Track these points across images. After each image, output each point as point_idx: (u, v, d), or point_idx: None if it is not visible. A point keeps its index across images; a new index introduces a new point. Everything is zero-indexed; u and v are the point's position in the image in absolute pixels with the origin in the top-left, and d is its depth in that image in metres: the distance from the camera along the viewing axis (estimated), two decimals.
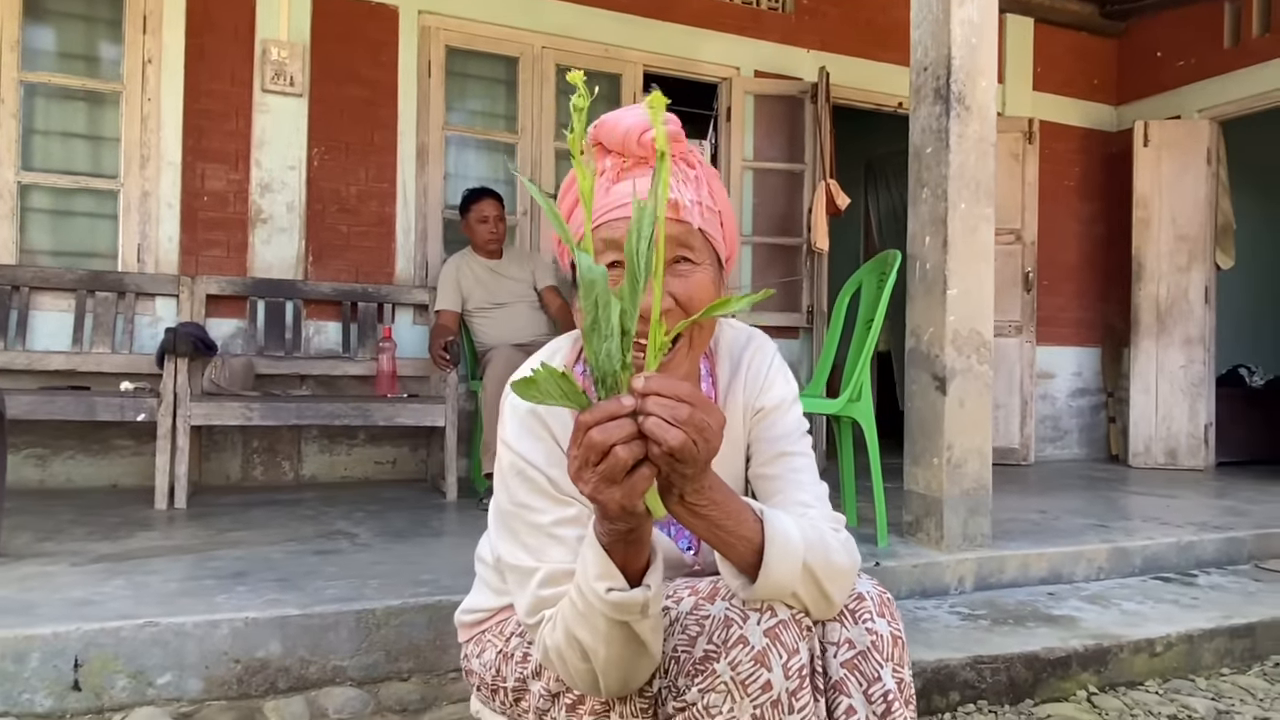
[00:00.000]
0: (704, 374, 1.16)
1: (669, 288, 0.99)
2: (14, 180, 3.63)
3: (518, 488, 1.04)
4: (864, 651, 0.99)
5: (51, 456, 3.61)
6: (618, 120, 1.00)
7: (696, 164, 1.03)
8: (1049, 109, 5.75)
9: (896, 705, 0.98)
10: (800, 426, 1.16)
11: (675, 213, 0.99)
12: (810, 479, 1.11)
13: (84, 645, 1.81)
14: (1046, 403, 5.81)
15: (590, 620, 0.88)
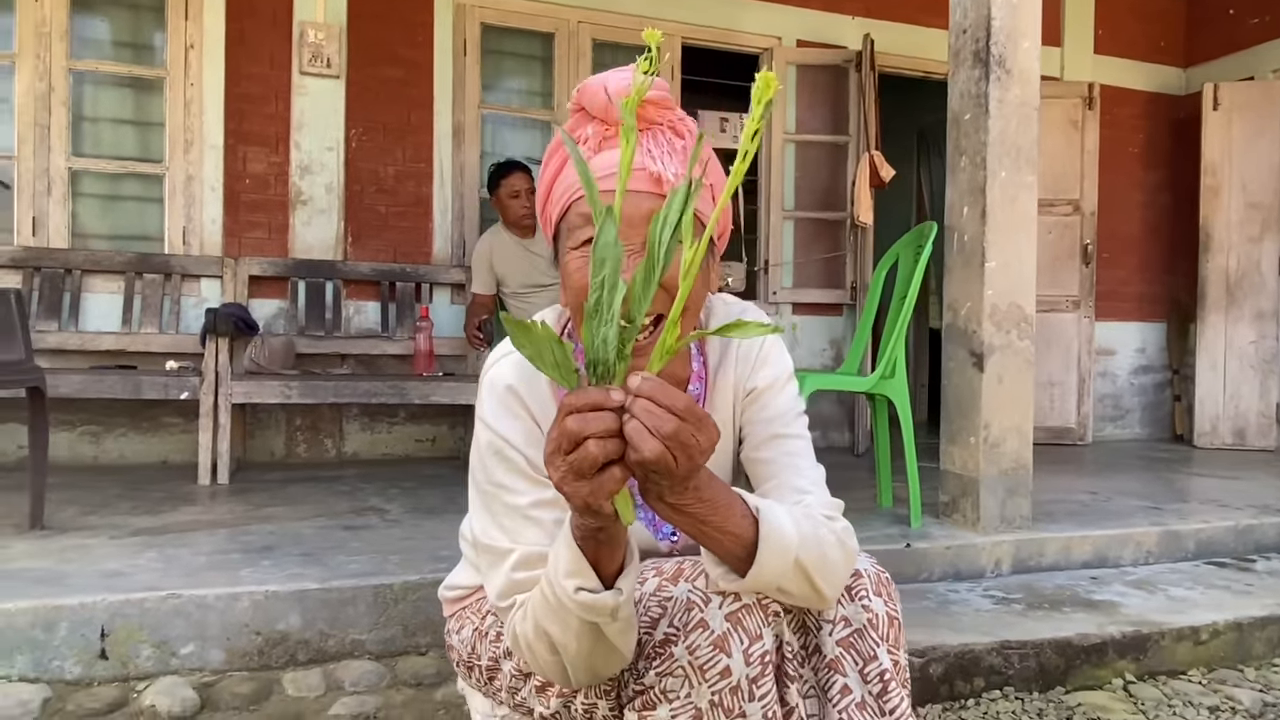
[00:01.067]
0: (694, 353, 1.12)
1: None
2: (65, 166, 3.74)
3: (495, 467, 1.01)
4: (860, 630, 0.96)
5: (104, 433, 3.74)
6: (602, 83, 0.95)
7: (686, 133, 0.98)
8: (1111, 72, 5.48)
9: (893, 685, 0.95)
10: (795, 407, 1.10)
11: (659, 187, 0.93)
12: (807, 463, 1.06)
13: (110, 616, 1.86)
14: (1106, 380, 5.59)
15: (560, 616, 0.86)
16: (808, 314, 4.90)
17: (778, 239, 4.86)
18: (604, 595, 0.83)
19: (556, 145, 1.00)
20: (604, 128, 0.96)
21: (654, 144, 0.94)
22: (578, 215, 0.95)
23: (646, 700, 0.90)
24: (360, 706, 1.82)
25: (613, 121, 0.95)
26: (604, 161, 0.94)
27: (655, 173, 0.93)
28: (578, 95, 0.97)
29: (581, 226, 0.95)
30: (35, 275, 3.61)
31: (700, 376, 1.12)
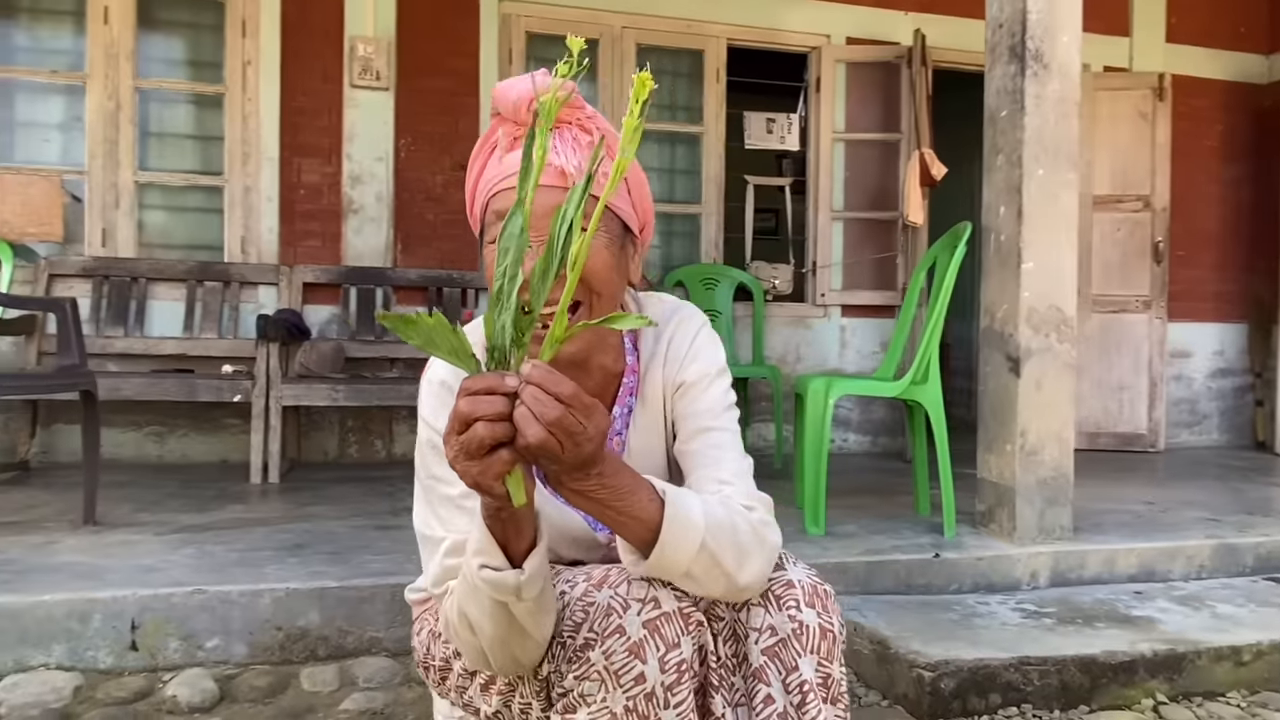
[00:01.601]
0: (629, 348, 1.14)
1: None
2: (132, 180, 3.95)
3: (429, 459, 1.06)
4: (784, 639, 0.95)
5: (168, 434, 3.93)
6: (509, 87, 0.99)
7: (594, 130, 1.01)
8: (1185, 62, 5.22)
9: (812, 697, 0.93)
10: (725, 400, 1.12)
11: (563, 181, 0.96)
12: (731, 455, 1.07)
13: (140, 609, 1.96)
14: (1181, 384, 5.33)
15: (475, 596, 0.88)
16: (858, 316, 4.82)
17: (826, 240, 4.79)
18: (507, 573, 0.85)
19: (478, 150, 1.05)
20: (515, 128, 1.00)
21: (560, 141, 0.98)
22: (493, 213, 1.00)
23: (567, 704, 0.91)
24: (369, 703, 1.87)
25: (522, 122, 0.98)
26: (515, 159, 0.97)
27: (559, 167, 0.96)
28: (493, 100, 1.02)
29: (495, 223, 0.99)
30: (104, 284, 3.82)
31: (634, 370, 1.14)
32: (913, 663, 1.93)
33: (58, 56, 3.93)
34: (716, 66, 4.61)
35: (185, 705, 1.82)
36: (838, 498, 3.28)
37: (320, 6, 4.06)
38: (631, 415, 1.14)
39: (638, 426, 1.13)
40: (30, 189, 3.77)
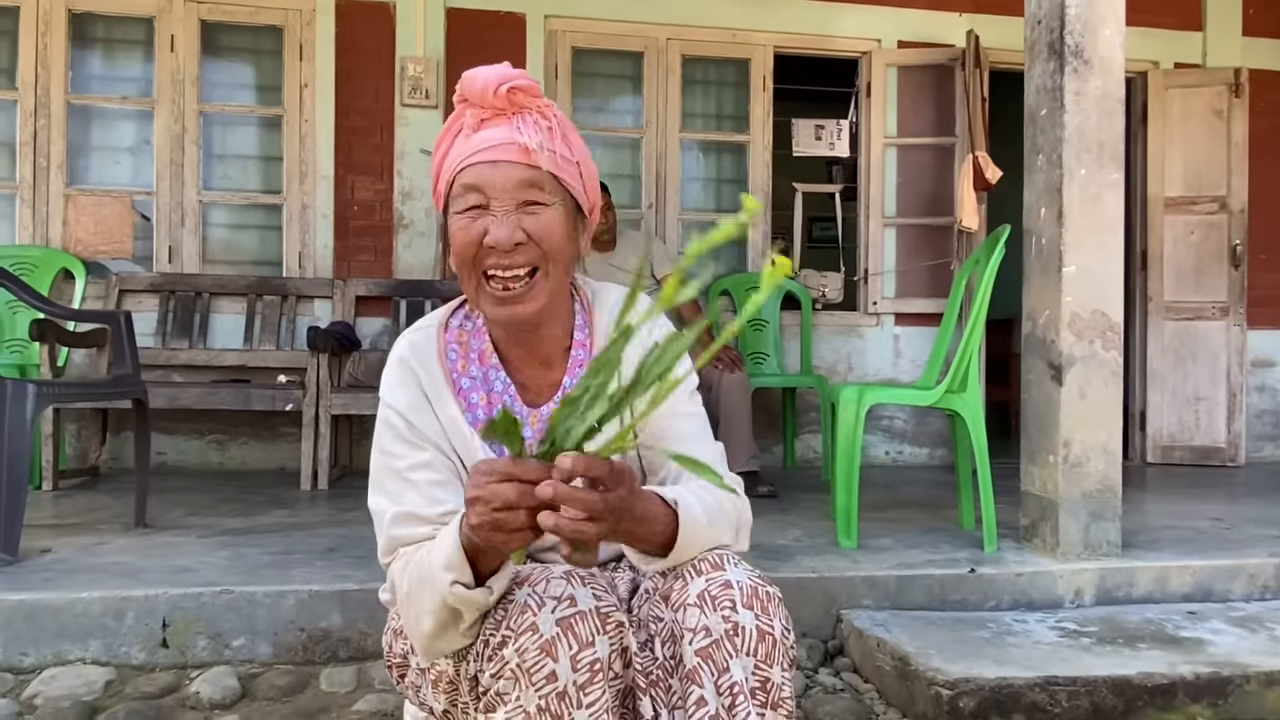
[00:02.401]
0: (579, 323, 1.19)
1: (522, 224, 1.05)
2: (196, 199, 4.14)
3: (383, 435, 1.12)
4: (717, 640, 0.95)
5: (229, 441, 4.09)
6: (476, 75, 1.07)
7: (551, 117, 1.08)
8: (1264, 55, 4.96)
9: (742, 700, 0.91)
10: (688, 385, 1.17)
11: (526, 157, 1.04)
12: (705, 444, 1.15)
13: (171, 608, 2.04)
14: (1265, 395, 5.04)
15: (430, 594, 0.93)
16: (912, 324, 4.70)
17: (878, 247, 4.69)
18: (475, 593, 0.90)
19: (443, 134, 1.11)
20: (481, 111, 1.06)
21: (523, 124, 1.05)
22: (461, 186, 1.06)
23: (488, 702, 0.92)
24: (381, 704, 1.90)
25: (489, 105, 1.05)
26: (481, 138, 1.06)
27: (523, 144, 1.03)
28: (459, 87, 1.09)
29: (463, 195, 1.05)
30: (170, 298, 4.01)
31: (584, 344, 1.19)
32: (931, 680, 1.86)
33: (128, 84, 4.16)
34: (763, 75, 4.58)
35: (207, 702, 1.88)
36: (880, 510, 3.20)
37: (372, 29, 4.20)
38: None
39: None
40: (103, 209, 3.99)
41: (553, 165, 1.05)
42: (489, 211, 1.04)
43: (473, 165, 1.04)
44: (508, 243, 1.02)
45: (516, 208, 1.03)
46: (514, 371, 1.16)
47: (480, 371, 1.15)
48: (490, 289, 1.06)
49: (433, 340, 1.15)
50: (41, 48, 3.98)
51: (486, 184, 1.03)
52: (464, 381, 1.14)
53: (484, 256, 1.04)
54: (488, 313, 1.09)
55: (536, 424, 1.16)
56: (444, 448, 1.10)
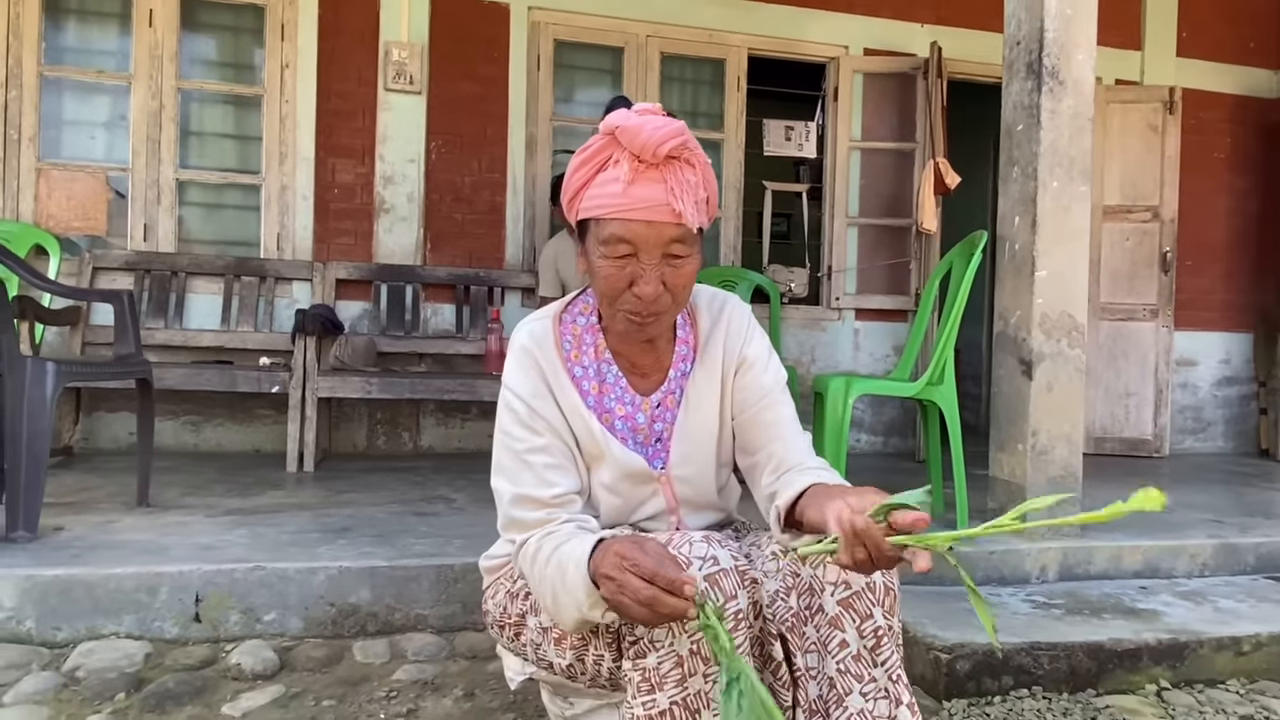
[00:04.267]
0: (681, 321, 1.33)
1: (664, 278, 1.16)
2: (173, 177, 4.09)
3: (504, 418, 1.24)
4: (858, 592, 1.10)
5: (204, 423, 4.06)
6: (639, 128, 1.13)
7: (697, 163, 1.17)
8: (1195, 76, 5.34)
9: (886, 641, 1.07)
10: (781, 378, 1.34)
11: (676, 218, 1.14)
12: (798, 428, 1.33)
13: (203, 583, 2.09)
14: (1187, 392, 5.44)
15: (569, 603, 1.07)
16: (871, 320, 4.94)
17: (841, 245, 4.91)
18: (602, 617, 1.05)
19: (588, 159, 1.18)
20: (638, 163, 1.14)
21: (675, 182, 1.14)
22: (614, 235, 1.14)
23: (638, 649, 1.04)
24: (420, 674, 1.99)
25: (646, 160, 1.13)
26: (638, 195, 1.13)
27: (677, 210, 1.13)
28: (616, 130, 1.14)
29: (615, 243, 1.15)
30: (145, 277, 3.96)
31: (687, 341, 1.33)
32: (930, 645, 2.05)
33: (104, 57, 4.08)
34: (738, 75, 4.74)
35: (249, 673, 1.94)
36: None
37: (356, 11, 4.20)
38: (690, 375, 1.31)
39: (695, 383, 1.31)
40: (75, 184, 3.91)
41: (696, 219, 1.16)
42: (637, 260, 1.15)
43: (628, 221, 1.13)
44: (652, 297, 1.15)
45: (660, 260, 1.15)
46: (623, 363, 1.29)
47: (593, 363, 1.27)
48: (627, 318, 1.19)
49: (549, 331, 1.27)
50: (13, 16, 3.86)
51: (640, 241, 1.14)
52: (576, 370, 1.27)
53: (627, 299, 1.17)
54: (617, 330, 1.22)
55: (649, 410, 1.29)
56: (561, 432, 1.22)
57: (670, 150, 1.12)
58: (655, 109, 1.16)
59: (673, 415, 1.30)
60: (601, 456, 1.24)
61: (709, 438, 1.31)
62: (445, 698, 1.88)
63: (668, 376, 1.31)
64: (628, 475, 1.26)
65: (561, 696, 1.36)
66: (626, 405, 1.28)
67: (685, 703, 1.00)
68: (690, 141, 1.16)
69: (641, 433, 1.29)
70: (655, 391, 1.30)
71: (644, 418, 1.29)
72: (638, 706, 1.02)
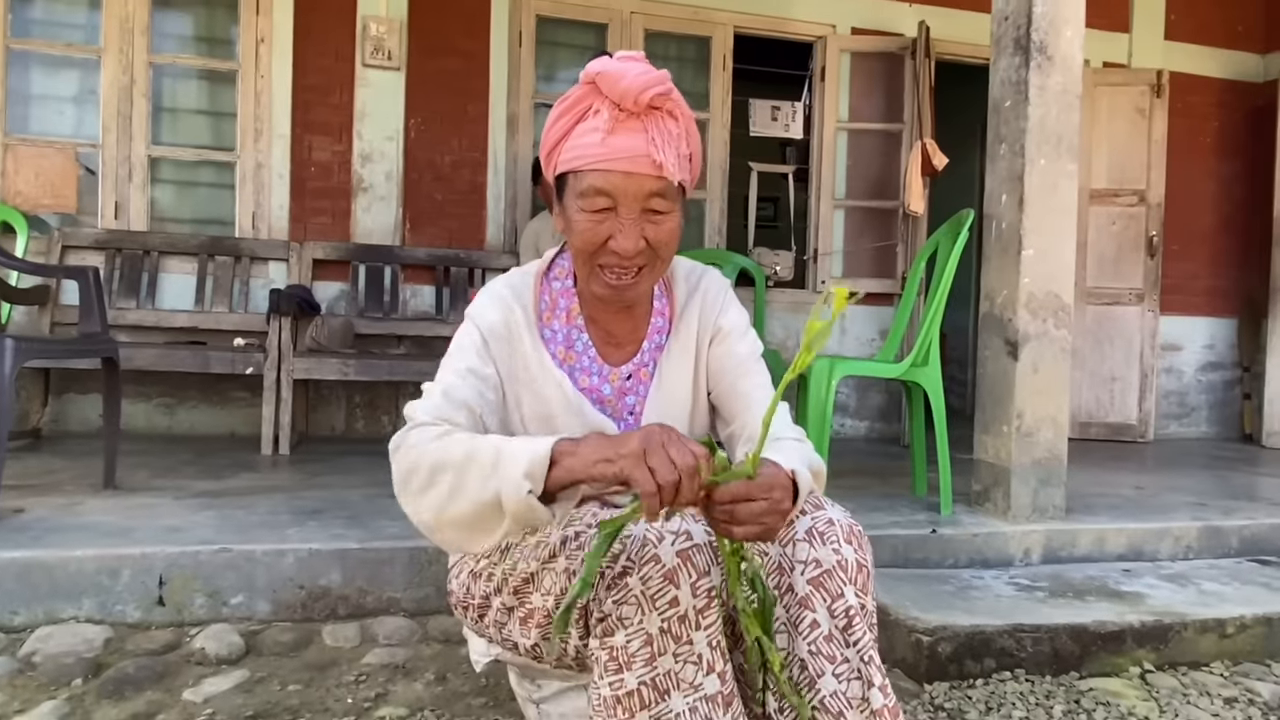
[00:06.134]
0: (658, 293, 1.29)
1: (643, 231, 1.11)
2: (145, 154, 3.99)
3: (459, 339, 1.21)
4: (829, 570, 1.05)
5: (178, 405, 3.98)
6: (621, 74, 1.08)
7: (680, 117, 1.12)
8: (1182, 59, 5.31)
9: (858, 620, 1.02)
10: (757, 349, 1.31)
11: (657, 170, 1.09)
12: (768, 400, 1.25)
13: (168, 565, 2.03)
14: (1172, 376, 5.44)
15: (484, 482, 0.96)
16: (857, 303, 4.89)
17: (828, 228, 4.86)
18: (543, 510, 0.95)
19: (567, 108, 1.12)
20: (618, 112, 1.09)
21: (656, 133, 1.09)
22: (592, 187, 1.10)
23: (606, 627, 0.99)
24: (390, 658, 1.94)
25: (627, 108, 1.08)
26: (617, 145, 1.08)
27: (658, 161, 1.08)
28: (597, 76, 1.09)
29: (593, 196, 1.10)
30: (117, 256, 3.87)
31: (663, 313, 1.28)
32: (911, 628, 2.02)
33: (73, 30, 3.97)
34: (723, 54, 4.67)
35: (213, 657, 1.89)
36: (836, 479, 3.36)
37: None
38: (665, 347, 1.27)
39: (670, 355, 1.27)
40: (44, 161, 3.81)
41: (679, 172, 1.11)
42: (615, 214, 1.10)
43: (608, 171, 1.08)
44: (632, 252, 1.10)
45: (640, 214, 1.10)
46: (596, 331, 1.23)
47: (563, 328, 1.22)
48: (604, 277, 1.14)
49: (529, 287, 1.23)
50: None
51: (618, 192, 1.09)
52: (545, 332, 1.21)
53: (605, 254, 1.12)
54: (594, 291, 1.17)
55: (616, 382, 1.23)
56: (504, 380, 1.19)
57: (652, 98, 1.07)
58: (638, 56, 1.11)
59: (645, 388, 1.25)
60: (568, 422, 1.20)
61: (681, 412, 1.26)
62: (416, 682, 1.83)
63: (641, 348, 1.27)
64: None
65: (529, 679, 1.31)
66: (592, 376, 1.23)
67: (654, 683, 0.95)
68: (674, 93, 1.11)
69: (609, 405, 1.24)
70: (627, 363, 1.25)
71: (610, 389, 1.24)
72: (604, 687, 0.97)
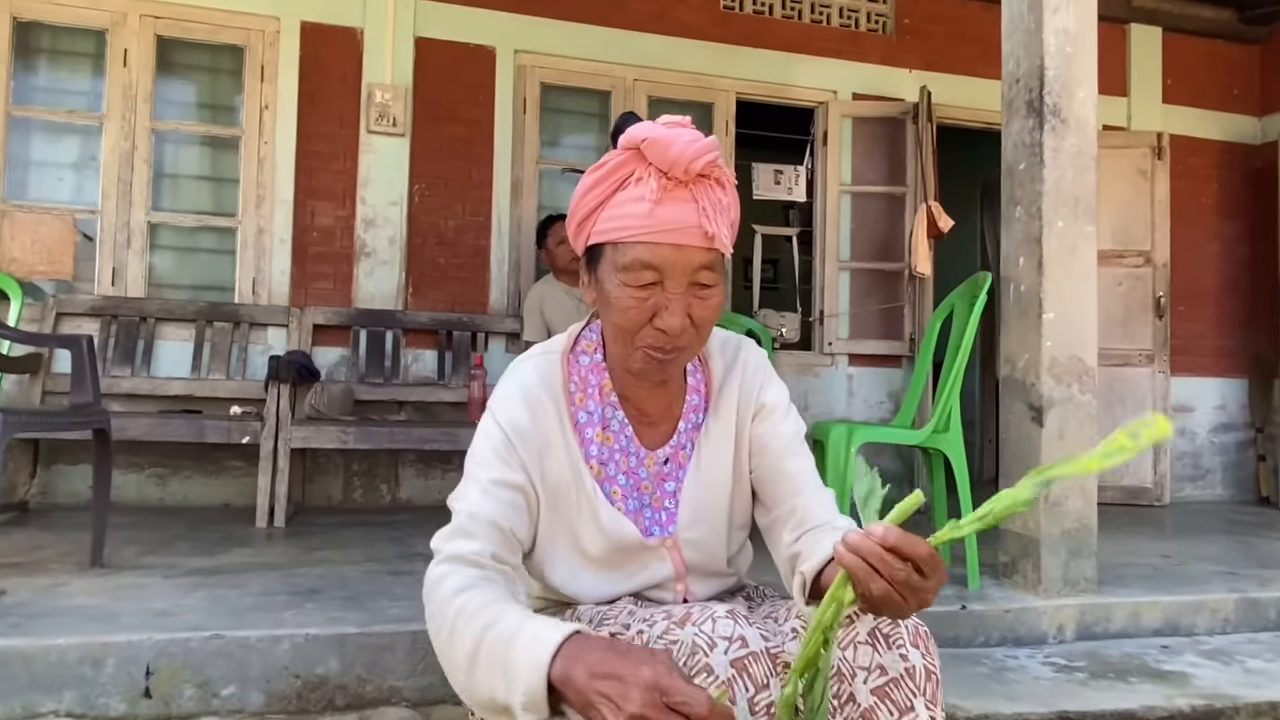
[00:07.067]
0: (692, 368, 1.20)
1: (690, 310, 1.04)
2: (145, 220, 3.95)
3: (479, 443, 1.10)
4: (896, 679, 0.95)
5: (171, 476, 3.86)
6: (671, 141, 1.01)
7: (726, 183, 1.06)
8: (1181, 122, 5.35)
9: None
10: (799, 428, 1.21)
11: (707, 241, 1.02)
12: (819, 482, 1.18)
13: (155, 654, 1.90)
14: (1185, 439, 5.35)
15: (490, 686, 0.86)
16: (865, 365, 4.83)
17: (833, 290, 4.82)
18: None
19: (616, 166, 1.05)
20: (666, 181, 1.02)
21: (707, 202, 1.02)
22: (638, 260, 1.02)
23: None
24: None
25: (676, 177, 1.01)
26: (666, 216, 1.01)
27: (710, 232, 1.01)
28: (643, 143, 1.02)
29: (639, 270, 1.02)
30: (112, 323, 3.79)
31: (698, 389, 1.19)
32: (953, 716, 1.89)
33: (76, 96, 3.96)
34: (726, 119, 4.68)
35: None
36: None
37: (339, 53, 4.12)
38: (702, 425, 1.18)
39: (708, 434, 1.18)
40: (41, 227, 3.76)
41: (726, 245, 1.04)
42: (663, 289, 1.02)
43: (656, 245, 1.01)
44: (678, 330, 1.02)
45: (687, 289, 1.03)
46: (629, 410, 1.15)
47: (598, 408, 1.13)
48: (645, 354, 1.06)
49: (557, 370, 1.13)
50: None
51: (667, 266, 1.01)
52: (580, 415, 1.12)
53: (648, 333, 1.04)
54: (631, 367, 1.08)
55: (652, 467, 1.14)
56: (535, 480, 1.08)
57: (703, 167, 1.00)
58: (684, 121, 1.03)
59: (684, 472, 1.16)
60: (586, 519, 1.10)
61: (722, 494, 1.16)
62: None
63: (677, 428, 1.16)
64: (619, 547, 1.11)
65: None
66: (630, 458, 1.14)
67: None
68: (720, 159, 1.04)
69: (647, 493, 1.14)
70: (663, 445, 1.15)
71: (646, 474, 1.14)
72: None
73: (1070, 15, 2.69)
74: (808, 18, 4.83)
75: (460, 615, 0.92)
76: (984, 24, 4.98)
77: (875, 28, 4.95)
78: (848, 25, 4.91)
